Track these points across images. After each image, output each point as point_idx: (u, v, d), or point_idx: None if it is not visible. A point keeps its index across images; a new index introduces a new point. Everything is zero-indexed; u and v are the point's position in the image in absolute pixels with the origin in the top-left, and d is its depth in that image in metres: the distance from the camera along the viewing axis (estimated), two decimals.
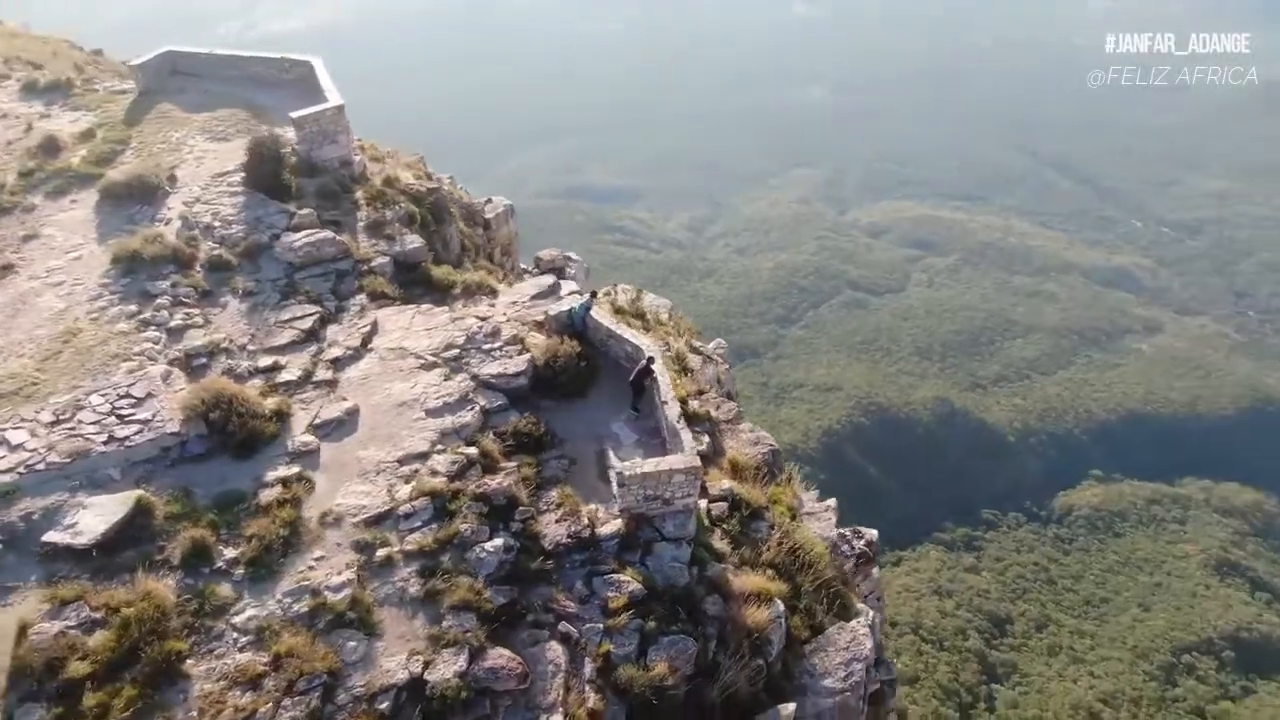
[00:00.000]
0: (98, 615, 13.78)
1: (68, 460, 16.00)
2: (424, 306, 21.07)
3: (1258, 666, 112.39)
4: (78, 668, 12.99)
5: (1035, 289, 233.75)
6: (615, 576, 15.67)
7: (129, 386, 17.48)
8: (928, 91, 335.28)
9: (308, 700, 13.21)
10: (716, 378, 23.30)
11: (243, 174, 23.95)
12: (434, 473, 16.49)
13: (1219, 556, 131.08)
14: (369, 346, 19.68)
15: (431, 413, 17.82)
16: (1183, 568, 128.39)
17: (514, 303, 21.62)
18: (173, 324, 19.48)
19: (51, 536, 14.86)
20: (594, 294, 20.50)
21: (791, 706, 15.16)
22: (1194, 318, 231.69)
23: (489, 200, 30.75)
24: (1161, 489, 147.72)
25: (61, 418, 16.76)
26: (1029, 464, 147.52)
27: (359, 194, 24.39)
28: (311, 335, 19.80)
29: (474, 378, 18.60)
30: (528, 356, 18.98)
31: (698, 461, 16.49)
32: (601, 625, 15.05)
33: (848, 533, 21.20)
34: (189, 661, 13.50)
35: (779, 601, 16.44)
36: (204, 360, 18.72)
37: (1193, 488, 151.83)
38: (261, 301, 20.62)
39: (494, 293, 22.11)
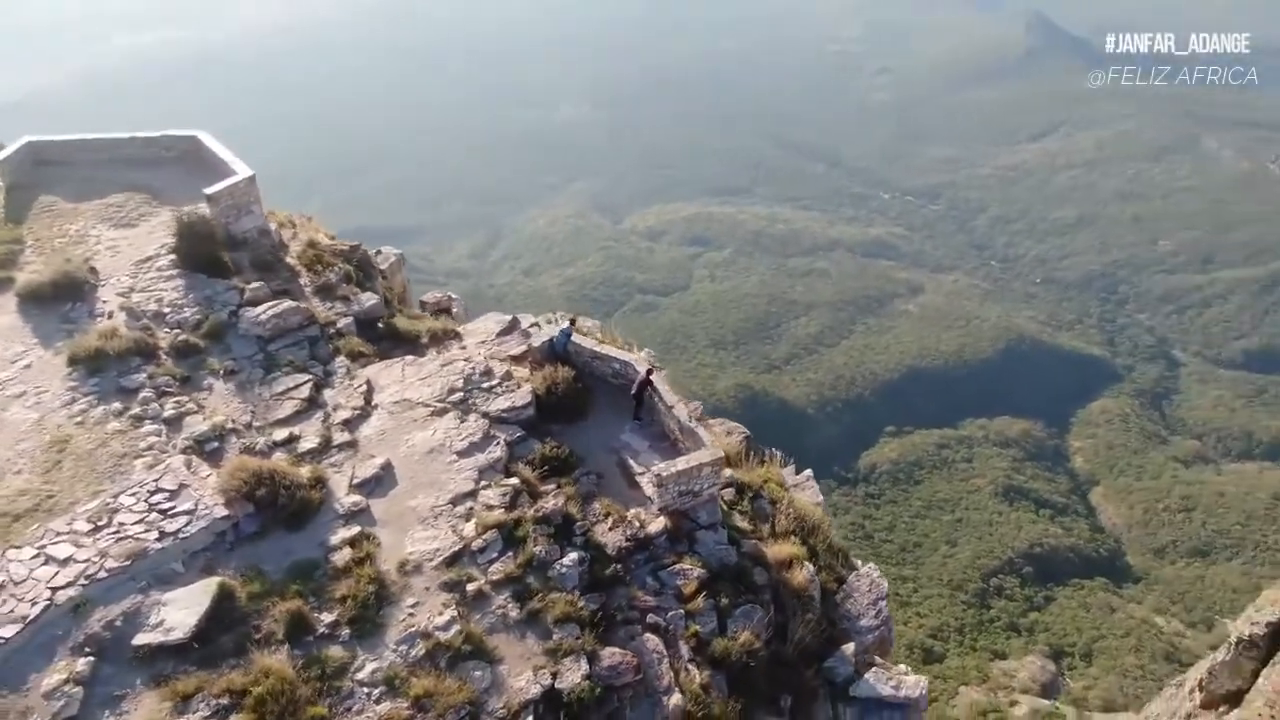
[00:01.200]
0: (225, 701, 14.05)
1: (127, 562, 15.88)
2: (407, 359, 21.79)
3: (1053, 576, 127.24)
4: None
5: (808, 269, 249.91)
6: (678, 567, 17.43)
7: (156, 481, 17.35)
8: (684, 97, 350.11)
9: None
10: None
11: (172, 256, 23.50)
12: (489, 507, 17.58)
13: (1004, 484, 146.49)
14: (372, 404, 20.28)
15: (461, 454, 18.80)
16: (977, 500, 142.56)
17: (483, 343, 22.71)
18: (166, 414, 19.25)
19: (144, 639, 14.85)
20: (572, 321, 21.99)
21: (851, 646, 17.49)
22: (948, 274, 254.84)
23: (379, 251, 31.20)
24: (947, 433, 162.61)
25: (99, 524, 16.49)
26: (830, 431, 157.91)
27: (293, 261, 24.51)
28: (312, 403, 20.14)
29: (485, 415, 19.70)
30: (529, 388, 20.28)
31: (721, 453, 18.49)
32: (681, 610, 16.77)
33: None
34: None
35: (808, 563, 18.70)
36: (216, 444, 18.71)
37: (972, 427, 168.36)
38: (247, 379, 20.64)
39: (459, 336, 23.09)
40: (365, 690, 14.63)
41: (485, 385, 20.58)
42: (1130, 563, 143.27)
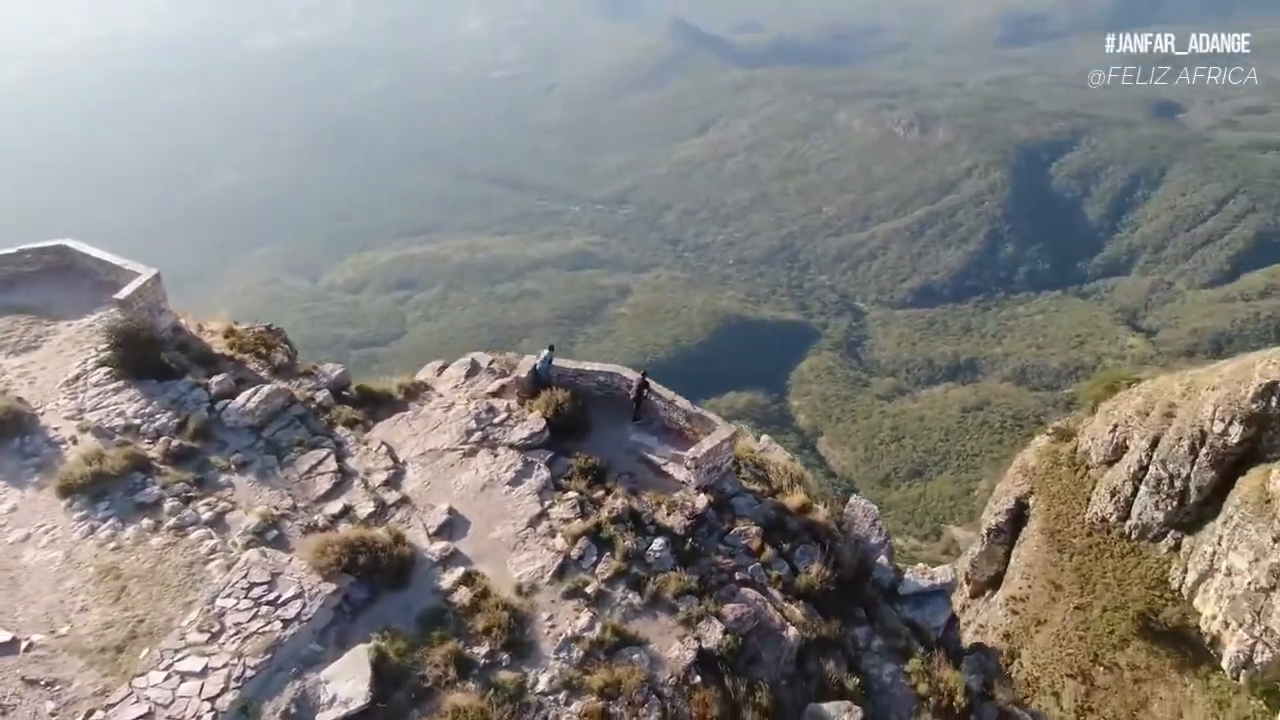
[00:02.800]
0: None
1: (268, 655, 15.97)
2: (406, 415, 22.39)
3: None
4: None
5: (518, 292, 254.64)
6: (738, 529, 20.07)
7: (244, 577, 17.26)
8: (358, 144, 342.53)
9: (650, 702, 15.97)
10: None
11: (105, 369, 22.30)
12: (565, 520, 19.20)
13: None
14: (401, 461, 20.89)
15: (512, 483, 20.13)
16: None
17: (455, 388, 23.79)
18: (205, 517, 18.85)
19: (328, 715, 15.21)
20: (551, 348, 23.63)
21: (883, 558, 20.89)
22: (650, 272, 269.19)
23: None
24: None
25: (214, 630, 16.31)
26: None
27: (229, 351, 24.03)
28: (343, 473, 20.41)
29: (511, 446, 21.07)
30: (538, 414, 21.83)
31: (734, 429, 21.23)
32: (757, 563, 19.43)
33: None
34: None
35: (818, 506, 21.92)
36: (275, 532, 18.68)
37: (704, 408, 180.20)
38: (263, 467, 20.44)
39: (429, 387, 23.94)
40: (551, 699, 15.98)
41: (496, 421, 21.89)
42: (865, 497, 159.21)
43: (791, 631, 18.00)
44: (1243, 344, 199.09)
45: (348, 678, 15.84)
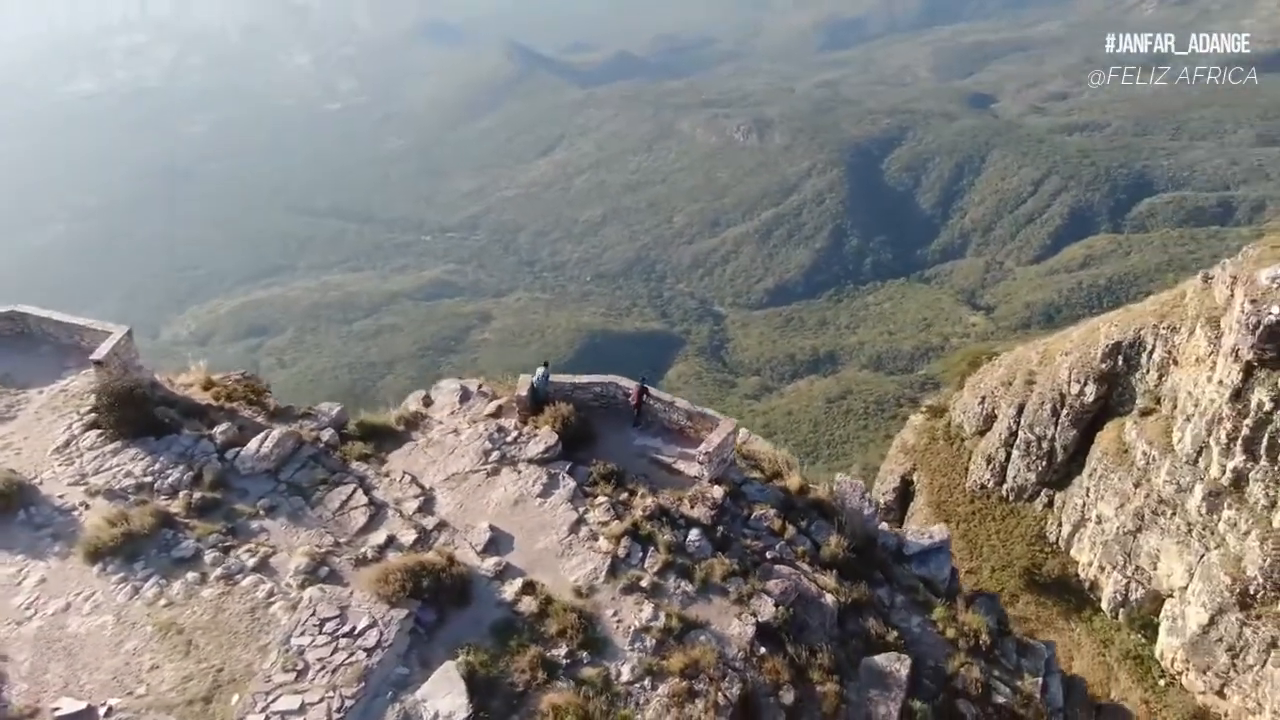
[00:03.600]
0: None
1: (362, 684, 16.36)
2: (414, 444, 22.80)
3: None
4: None
5: (376, 328, 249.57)
6: (758, 513, 21.54)
7: (313, 615, 17.51)
8: (190, 190, 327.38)
9: (728, 676, 17.28)
10: None
11: (96, 431, 21.77)
12: (602, 523, 20.24)
13: None
14: (428, 488, 21.34)
15: (542, 495, 21.00)
16: None
17: (452, 414, 24.37)
18: (250, 563, 18.83)
19: None
20: (546, 364, 24.47)
21: (884, 524, 22.82)
22: (510, 296, 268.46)
23: None
24: None
25: (300, 668, 16.56)
26: None
27: (216, 401, 23.75)
28: (375, 505, 20.72)
29: (530, 462, 21.90)
30: (548, 429, 22.73)
31: (735, 421, 22.74)
32: (782, 540, 20.99)
33: None
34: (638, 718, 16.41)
35: (815, 485, 23.71)
36: (326, 569, 18.90)
37: None
38: (293, 509, 20.48)
39: (426, 417, 24.39)
40: (638, 686, 17.04)
41: (509, 440, 22.64)
42: None
43: (829, 598, 19.65)
44: (1069, 312, 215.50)
45: (444, 693, 16.43)
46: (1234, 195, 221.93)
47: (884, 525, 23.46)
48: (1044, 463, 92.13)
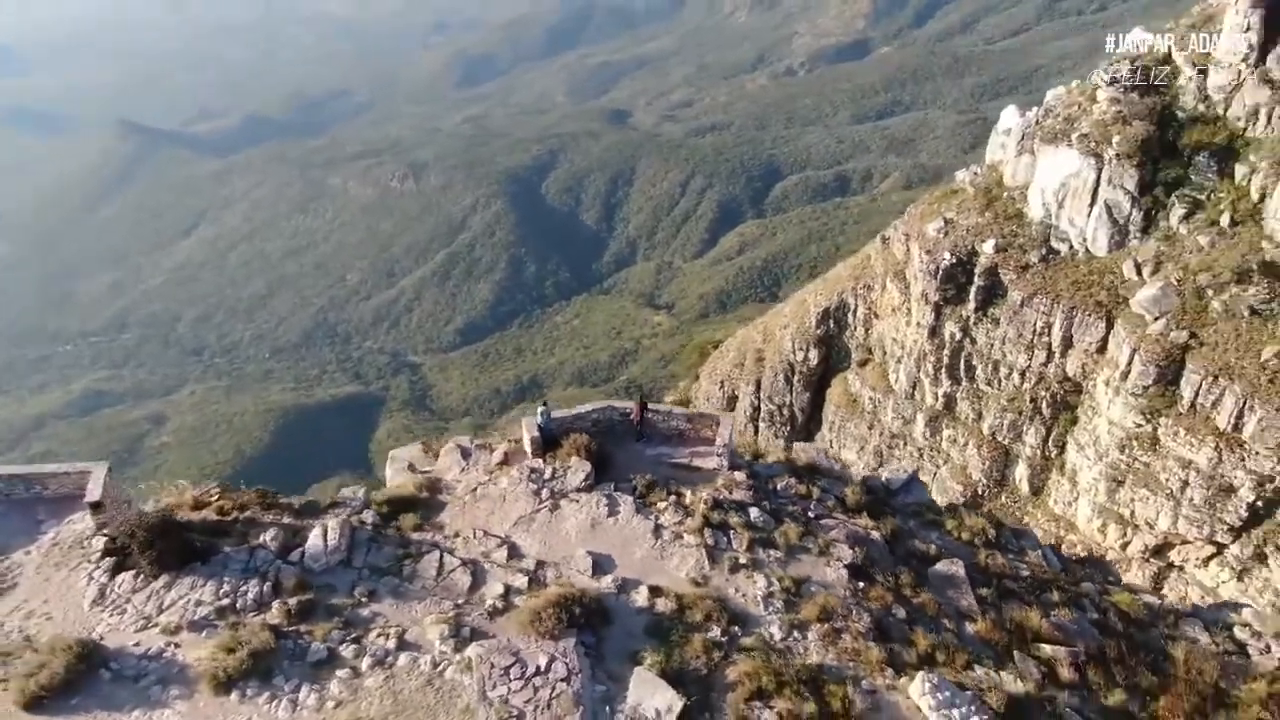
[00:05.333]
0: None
1: (580, 708, 17.60)
2: (457, 506, 23.46)
3: None
4: None
5: (27, 458, 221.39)
6: (781, 485, 24.81)
7: (492, 667, 18.26)
8: None
9: (853, 610, 20.52)
10: None
11: (131, 574, 20.28)
12: (678, 523, 22.65)
13: None
14: (504, 536, 22.22)
15: (610, 515, 22.86)
16: None
17: (464, 470, 25.19)
18: (391, 645, 18.92)
19: None
20: (545, 403, 25.80)
21: (861, 473, 26.85)
22: (182, 391, 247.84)
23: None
24: None
25: (517, 714, 17.43)
26: None
27: (227, 517, 22.71)
28: (468, 564, 21.35)
29: (578, 490, 23.54)
30: (577, 459, 24.38)
31: (731, 415, 25.76)
32: (812, 501, 24.66)
33: None
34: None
35: (796, 455, 27.35)
36: (467, 629, 19.49)
37: (304, 502, 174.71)
38: (392, 588, 20.55)
39: (440, 480, 24.96)
40: (792, 639, 19.77)
41: (548, 478, 24.02)
42: None
43: (875, 534, 23.35)
44: (738, 295, 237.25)
45: (651, 694, 18.11)
46: (846, 169, 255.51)
47: (859, 474, 27.65)
48: (788, 427, 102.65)
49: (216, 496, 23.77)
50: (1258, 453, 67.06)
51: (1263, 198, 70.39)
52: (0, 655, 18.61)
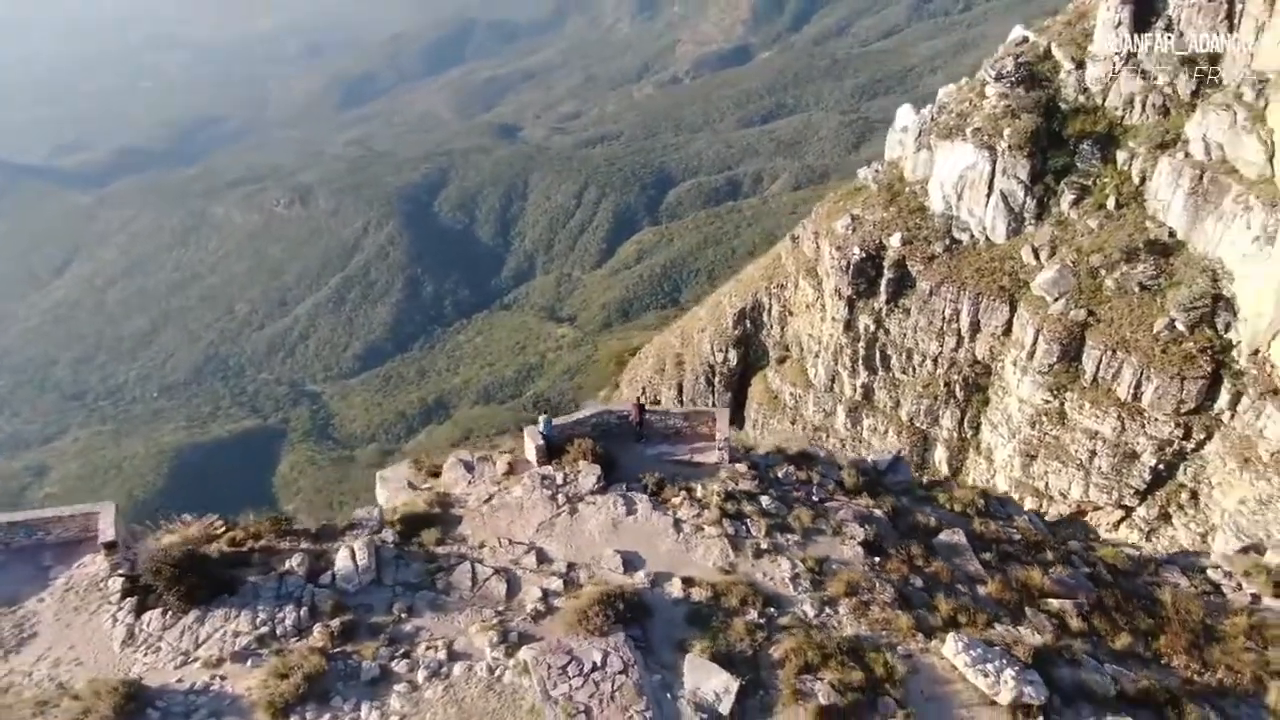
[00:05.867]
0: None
1: (644, 698, 18.18)
2: (475, 518, 23.63)
3: None
4: None
5: None
6: (781, 472, 25.86)
7: (549, 667, 18.69)
8: None
9: (876, 583, 21.66)
10: None
11: (158, 612, 19.83)
12: (696, 516, 23.53)
13: None
14: (529, 543, 22.57)
15: (629, 514, 23.51)
16: None
17: (470, 484, 25.42)
18: (442, 656, 19.15)
19: (727, 704, 18.23)
20: (546, 413, 26.20)
21: (869, 456, 28.24)
22: (64, 438, 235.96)
23: None
24: None
25: (584, 709, 17.89)
26: None
27: (241, 548, 22.44)
28: (500, 572, 21.65)
29: (591, 493, 24.13)
30: (586, 463, 24.95)
31: (726, 410, 26.75)
32: (813, 485, 25.80)
33: None
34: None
35: (786, 446, 28.54)
36: (514, 634, 19.83)
37: None
38: (429, 602, 20.78)
39: (449, 495, 25.13)
40: (825, 614, 20.83)
41: (560, 483, 24.46)
42: None
43: (878, 512, 24.64)
44: (640, 304, 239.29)
45: (707, 677, 18.87)
46: (736, 173, 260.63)
47: (844, 457, 29.06)
48: None
49: (223, 529, 23.44)
50: (1156, 419, 71.74)
51: (1143, 180, 75.48)
52: (37, 705, 18.11)
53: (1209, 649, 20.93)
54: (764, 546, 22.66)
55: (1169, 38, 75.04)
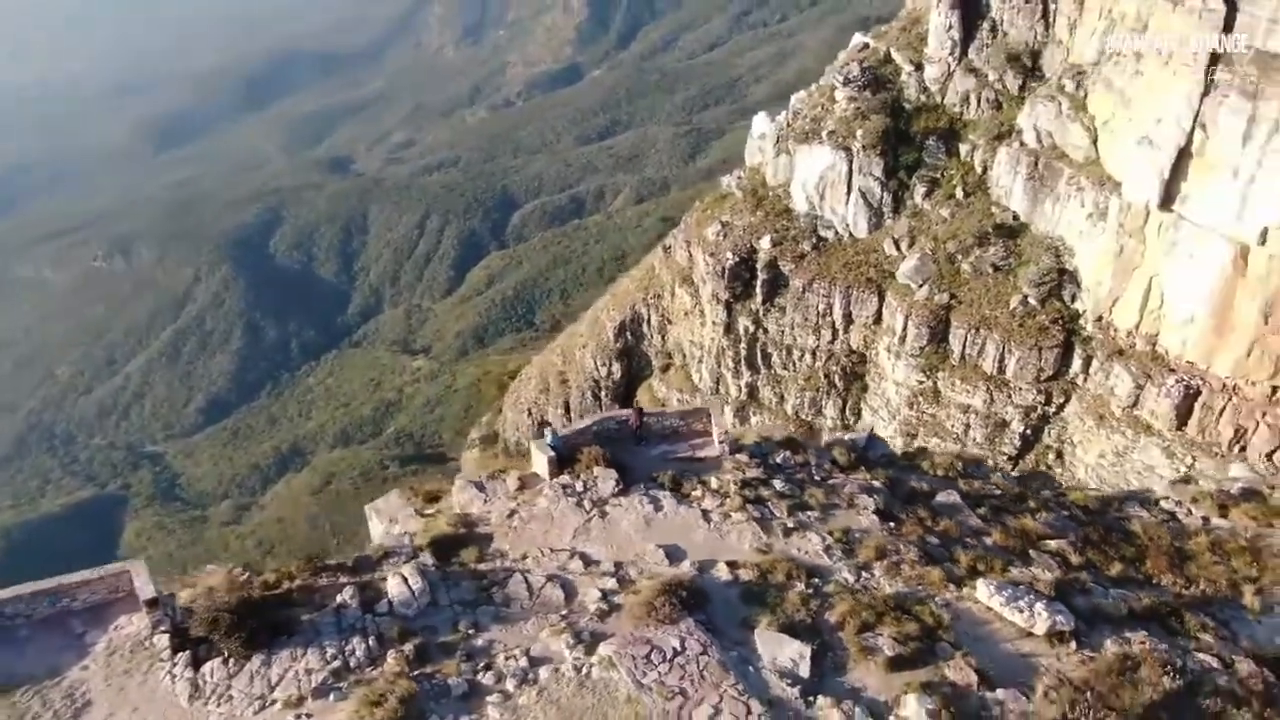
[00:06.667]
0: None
1: (730, 673, 19.33)
2: (505, 531, 24.08)
3: None
4: None
5: None
6: (781, 457, 27.49)
7: (633, 660, 19.52)
8: None
9: (900, 545, 23.53)
10: None
11: (229, 655, 19.35)
12: (720, 506, 24.78)
13: None
14: (571, 550, 23.23)
15: (657, 511, 24.61)
16: None
17: (486, 502, 25.79)
18: (524, 664, 19.68)
19: (805, 667, 19.59)
20: (549, 424, 26.79)
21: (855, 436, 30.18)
22: None
23: None
24: None
25: (680, 690, 18.88)
26: None
27: (278, 589, 22.00)
28: (553, 579, 22.20)
29: (614, 496, 25.06)
30: (601, 468, 25.79)
31: (716, 402, 28.15)
32: (811, 466, 27.56)
33: None
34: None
35: (771, 435, 30.21)
36: (586, 634, 20.59)
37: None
38: (494, 615, 21.27)
39: (470, 514, 25.42)
40: (864, 577, 22.59)
41: (581, 490, 25.18)
42: None
43: (876, 483, 26.62)
44: (495, 328, 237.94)
45: (780, 646, 20.20)
46: (579, 191, 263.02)
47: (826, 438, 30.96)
48: None
49: (245, 574, 23.06)
50: (1020, 388, 77.93)
51: (985, 170, 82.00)
52: None
53: (1186, 566, 23.87)
54: (790, 525, 24.17)
55: (994, 38, 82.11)
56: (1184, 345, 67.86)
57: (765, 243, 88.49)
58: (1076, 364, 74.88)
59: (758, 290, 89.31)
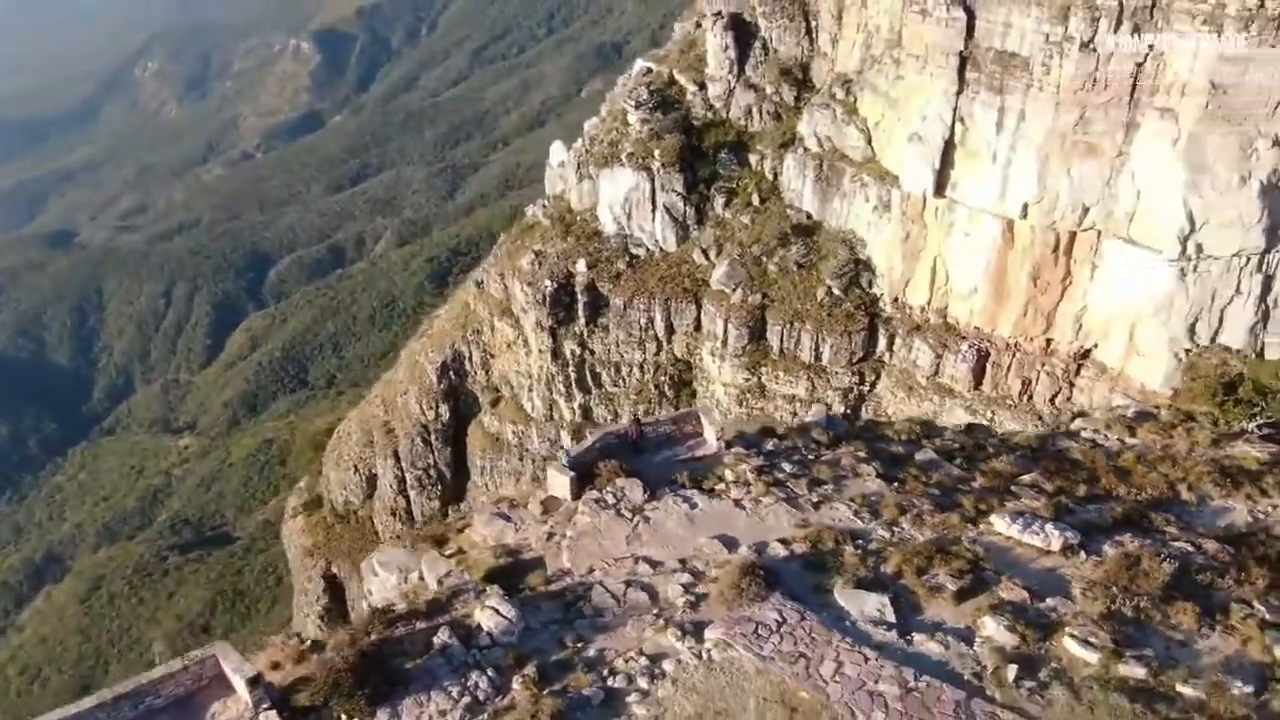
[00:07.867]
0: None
1: (832, 631, 21.29)
2: (555, 551, 24.56)
3: None
4: None
5: None
6: (772, 444, 29.78)
7: (744, 636, 21.00)
8: None
9: (914, 503, 26.43)
10: None
11: (354, 713, 18.77)
12: (748, 493, 26.63)
13: None
14: (632, 555, 24.16)
15: (694, 508, 26.08)
16: None
17: (517, 529, 26.23)
18: (644, 663, 20.59)
19: (889, 613, 21.94)
20: (560, 448, 27.42)
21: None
22: None
23: None
24: None
25: (803, 653, 20.59)
26: None
27: (357, 645, 21.37)
28: (631, 586, 23.12)
29: (646, 501, 26.32)
30: (624, 480, 26.91)
31: (704, 405, 30.07)
32: (814, 446, 29.84)
33: None
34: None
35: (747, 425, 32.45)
36: (689, 626, 21.71)
37: None
38: (592, 627, 21.92)
39: (505, 543, 25.67)
40: (896, 530, 25.31)
41: (613, 501, 26.19)
42: None
43: (861, 453, 29.47)
44: (266, 392, 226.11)
45: (861, 601, 22.43)
46: (337, 240, 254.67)
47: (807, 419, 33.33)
48: (438, 486, 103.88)
49: (298, 643, 22.47)
50: (836, 372, 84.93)
51: (776, 176, 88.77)
52: None
53: (1128, 479, 28.36)
54: (815, 500, 26.45)
55: (766, 56, 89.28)
56: (971, 314, 76.60)
57: (581, 266, 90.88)
58: (882, 343, 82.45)
59: (580, 313, 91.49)
